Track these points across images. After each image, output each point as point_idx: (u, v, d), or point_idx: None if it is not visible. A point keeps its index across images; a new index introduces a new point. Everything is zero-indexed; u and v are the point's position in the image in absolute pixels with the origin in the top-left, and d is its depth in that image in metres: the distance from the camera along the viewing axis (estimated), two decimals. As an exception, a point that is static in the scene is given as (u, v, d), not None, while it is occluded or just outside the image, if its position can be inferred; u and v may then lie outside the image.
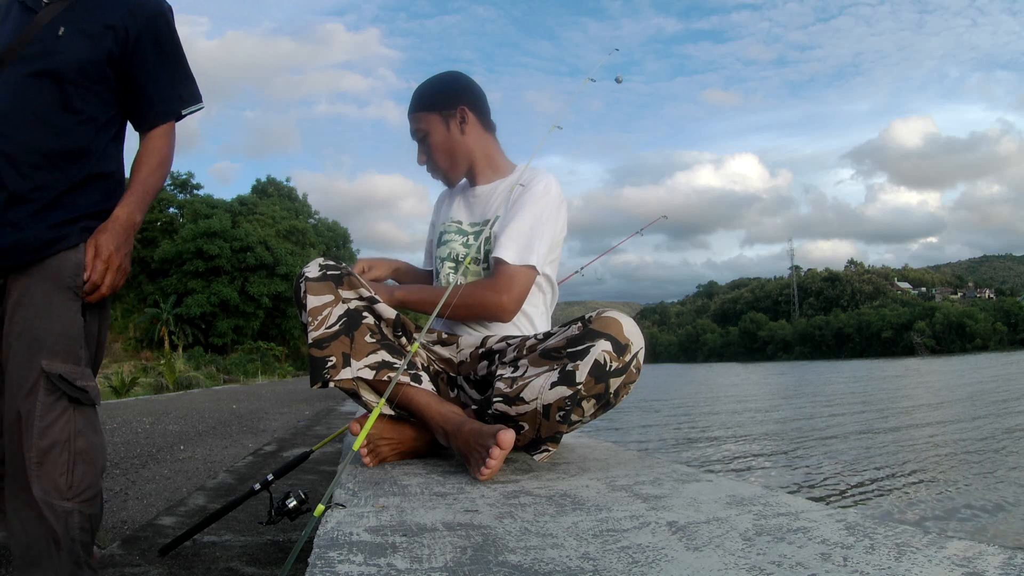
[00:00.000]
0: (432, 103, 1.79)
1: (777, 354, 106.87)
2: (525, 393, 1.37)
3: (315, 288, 1.50)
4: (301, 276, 1.52)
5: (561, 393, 1.34)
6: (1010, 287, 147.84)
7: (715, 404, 16.32)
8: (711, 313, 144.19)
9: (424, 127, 1.79)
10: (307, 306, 1.48)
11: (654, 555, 0.83)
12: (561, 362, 1.36)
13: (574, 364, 1.34)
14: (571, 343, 1.36)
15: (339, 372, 1.46)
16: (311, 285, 1.50)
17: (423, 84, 1.83)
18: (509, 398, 1.39)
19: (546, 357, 1.39)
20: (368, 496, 1.18)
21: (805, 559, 0.79)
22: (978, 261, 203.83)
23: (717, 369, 60.01)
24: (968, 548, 0.82)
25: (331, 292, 1.50)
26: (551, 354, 1.38)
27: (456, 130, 1.79)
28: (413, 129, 1.82)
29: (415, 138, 1.83)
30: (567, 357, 1.35)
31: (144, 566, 2.01)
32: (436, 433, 1.47)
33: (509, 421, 1.40)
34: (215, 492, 3.33)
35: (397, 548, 0.87)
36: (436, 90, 1.81)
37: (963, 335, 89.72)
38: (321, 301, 1.49)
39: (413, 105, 1.81)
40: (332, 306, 1.49)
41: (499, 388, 1.41)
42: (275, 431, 6.84)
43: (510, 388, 1.40)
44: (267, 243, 47.01)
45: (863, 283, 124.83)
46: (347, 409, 9.71)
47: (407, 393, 1.48)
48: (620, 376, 1.35)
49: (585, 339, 1.35)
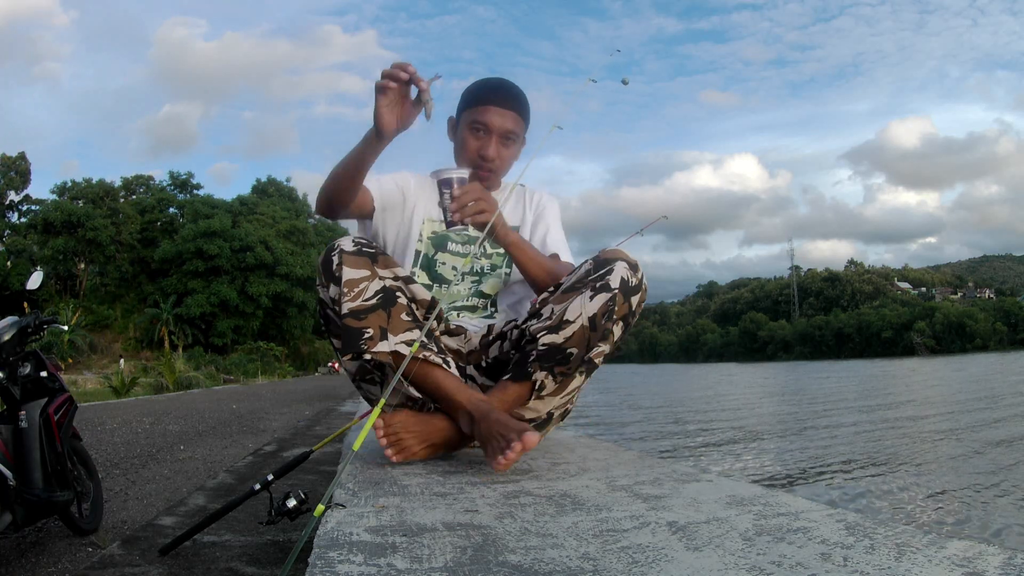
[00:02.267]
0: (527, 114, 1.79)
1: (777, 354, 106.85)
2: (568, 314, 1.45)
3: (351, 261, 1.48)
4: (334, 248, 1.50)
5: (603, 299, 1.45)
6: (1010, 287, 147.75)
7: (717, 402, 16.33)
8: (711, 313, 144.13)
9: (517, 131, 1.76)
10: (342, 278, 1.46)
11: (654, 555, 0.83)
12: (587, 286, 1.46)
13: (603, 280, 1.46)
14: (589, 274, 1.48)
15: (376, 344, 1.43)
16: (347, 258, 1.48)
17: (517, 88, 1.79)
18: (553, 327, 1.45)
19: (570, 291, 1.48)
20: (368, 496, 1.18)
21: (805, 559, 0.79)
22: (978, 261, 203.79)
23: (719, 369, 59.99)
24: (968, 548, 0.82)
25: (367, 267, 1.49)
26: (575, 287, 1.48)
27: (519, 148, 1.81)
28: (505, 127, 1.73)
29: (496, 132, 1.73)
30: (591, 281, 1.47)
31: (144, 566, 2.00)
32: (460, 418, 1.44)
33: (558, 353, 1.44)
34: (215, 492, 3.33)
35: (397, 548, 0.87)
36: (526, 101, 1.80)
37: (963, 335, 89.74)
38: (358, 274, 1.47)
39: (514, 103, 1.75)
40: (368, 280, 1.48)
41: (538, 326, 1.47)
42: (275, 431, 6.84)
43: (550, 319, 1.46)
44: (267, 243, 46.98)
45: (863, 283, 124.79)
46: (347, 409, 9.71)
47: (436, 375, 1.45)
48: (637, 293, 1.49)
49: (602, 267, 1.48)
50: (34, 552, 2.42)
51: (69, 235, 47.04)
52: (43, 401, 2.45)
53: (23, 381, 2.47)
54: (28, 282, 2.98)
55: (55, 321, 2.74)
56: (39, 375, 2.53)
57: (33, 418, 2.37)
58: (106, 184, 51.45)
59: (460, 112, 1.80)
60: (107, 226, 47.70)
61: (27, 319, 2.56)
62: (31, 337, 2.61)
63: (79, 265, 49.56)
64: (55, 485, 2.39)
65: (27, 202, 51.72)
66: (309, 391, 16.92)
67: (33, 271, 3.02)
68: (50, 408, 2.46)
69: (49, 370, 2.57)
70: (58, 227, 46.62)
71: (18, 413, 2.36)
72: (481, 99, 1.73)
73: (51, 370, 2.58)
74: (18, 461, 2.30)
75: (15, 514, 2.20)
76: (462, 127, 1.77)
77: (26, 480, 2.28)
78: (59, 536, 2.61)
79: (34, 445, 2.33)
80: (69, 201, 48.55)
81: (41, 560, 2.33)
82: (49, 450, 2.38)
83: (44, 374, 2.54)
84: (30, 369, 2.51)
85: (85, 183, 50.26)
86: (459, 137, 1.78)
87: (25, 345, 2.58)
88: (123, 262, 50.09)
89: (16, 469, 2.28)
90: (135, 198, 54.15)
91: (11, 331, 2.46)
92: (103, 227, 47.23)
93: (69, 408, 2.62)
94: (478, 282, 1.82)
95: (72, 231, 47.15)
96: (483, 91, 1.75)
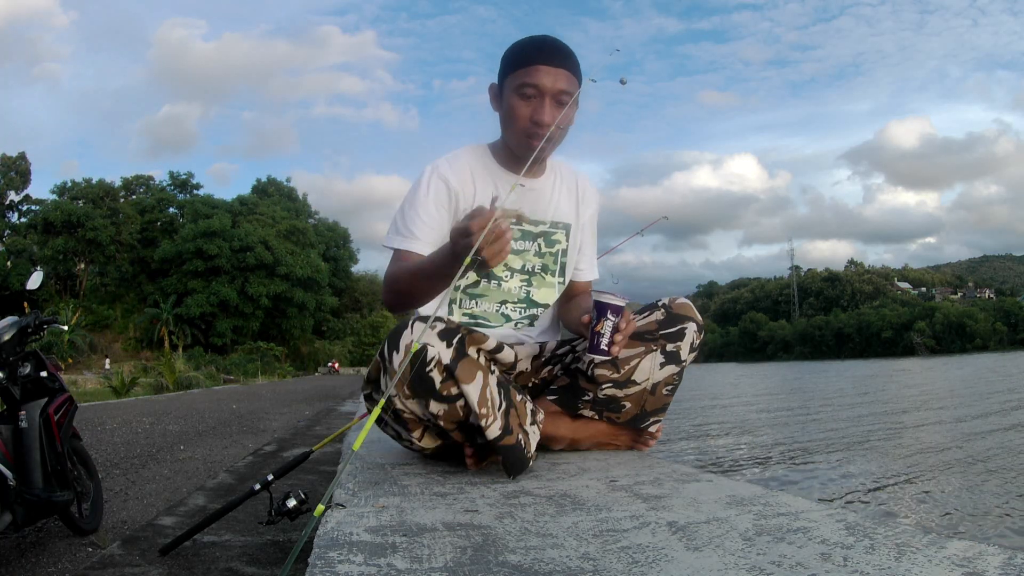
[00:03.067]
0: (579, 73, 1.55)
1: (777, 354, 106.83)
2: (636, 376, 1.52)
3: (465, 373, 1.28)
4: (433, 362, 1.27)
5: (670, 371, 1.53)
6: (1010, 287, 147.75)
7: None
8: (711, 313, 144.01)
9: (572, 91, 1.52)
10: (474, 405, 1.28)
11: (654, 555, 0.83)
12: (658, 343, 1.52)
13: (675, 345, 1.51)
14: (662, 326, 1.52)
15: (531, 447, 1.38)
16: (461, 373, 1.28)
17: (562, 43, 1.55)
18: (619, 382, 1.52)
19: (638, 339, 1.51)
20: (368, 496, 1.18)
21: (805, 559, 0.79)
22: (978, 261, 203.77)
23: (721, 369, 60.00)
24: (968, 548, 0.82)
25: (476, 367, 1.31)
26: (644, 336, 1.52)
27: (574, 112, 1.57)
28: (558, 87, 1.50)
29: (549, 93, 1.50)
30: (663, 338, 1.52)
31: (144, 566, 2.01)
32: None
33: (613, 403, 1.54)
34: (215, 492, 3.33)
35: (397, 548, 0.87)
36: (576, 59, 1.55)
37: (963, 335, 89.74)
38: (478, 387, 1.29)
39: (565, 60, 1.52)
40: (487, 385, 1.31)
41: (603, 374, 1.51)
42: (275, 431, 6.84)
43: (618, 373, 1.51)
44: (267, 243, 46.98)
45: (863, 283, 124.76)
46: (347, 409, 9.71)
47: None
48: (695, 352, 1.55)
49: (675, 322, 1.52)
50: (34, 552, 2.42)
51: (69, 235, 47.07)
52: (43, 401, 2.45)
53: (23, 381, 2.47)
54: (28, 282, 2.98)
55: (55, 321, 2.74)
56: (39, 375, 2.53)
57: (33, 418, 2.37)
58: (106, 184, 51.50)
59: (503, 77, 1.56)
60: (107, 226, 47.73)
61: (27, 319, 2.56)
62: (31, 337, 2.61)
63: (79, 265, 49.59)
64: (55, 485, 2.38)
65: (27, 202, 51.81)
66: (309, 391, 16.92)
67: (33, 271, 3.02)
68: (50, 408, 2.45)
69: (49, 370, 2.57)
70: (58, 227, 46.64)
71: (18, 413, 2.36)
72: (528, 59, 1.50)
73: (51, 370, 2.58)
74: (18, 461, 2.30)
75: (15, 514, 2.19)
76: (508, 93, 1.54)
77: (26, 480, 2.28)
78: (59, 536, 2.61)
79: (34, 445, 2.33)
80: (69, 201, 48.57)
81: (41, 560, 2.33)
82: (49, 450, 2.38)
83: (44, 374, 2.54)
84: (30, 369, 2.51)
85: (85, 183, 50.31)
86: (505, 105, 1.55)
87: (25, 345, 2.58)
88: (123, 262, 50.11)
89: (16, 469, 2.28)
90: (135, 198, 54.19)
91: (11, 331, 2.46)
92: (103, 227, 47.26)
93: (69, 408, 2.62)
94: (527, 282, 1.67)
95: (72, 231, 47.17)
96: (529, 49, 1.52)
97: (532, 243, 1.68)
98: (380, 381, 1.38)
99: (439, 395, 1.29)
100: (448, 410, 1.31)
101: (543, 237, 1.68)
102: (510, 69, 1.53)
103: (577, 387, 1.57)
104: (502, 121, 1.59)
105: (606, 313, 1.41)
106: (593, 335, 1.41)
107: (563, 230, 1.71)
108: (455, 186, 1.59)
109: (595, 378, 1.52)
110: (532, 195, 1.65)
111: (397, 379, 1.29)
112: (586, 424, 1.60)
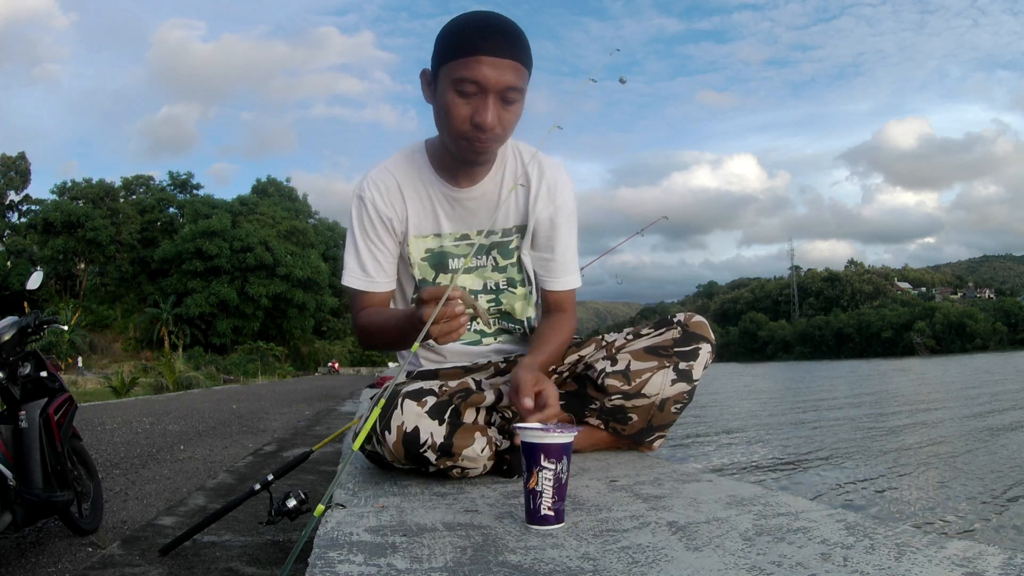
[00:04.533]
0: (529, 60, 1.28)
1: (777, 354, 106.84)
2: (646, 389, 1.49)
3: (463, 440, 1.24)
4: (426, 444, 1.21)
5: (681, 389, 1.50)
6: (1010, 287, 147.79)
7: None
8: (711, 313, 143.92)
9: (520, 85, 1.26)
10: (476, 464, 1.27)
11: (654, 555, 0.83)
12: (671, 360, 1.50)
13: (688, 364, 1.50)
14: (677, 344, 1.51)
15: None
16: (458, 442, 1.23)
17: (510, 24, 1.26)
18: (629, 394, 1.49)
19: (653, 354, 1.50)
20: (368, 496, 1.18)
21: (805, 559, 0.79)
22: (978, 261, 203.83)
23: (721, 369, 60.02)
24: (968, 548, 0.82)
25: (474, 430, 1.26)
26: (658, 352, 1.51)
27: (522, 106, 1.31)
28: (503, 83, 1.23)
29: (493, 90, 1.23)
30: (676, 356, 1.50)
31: (144, 566, 2.01)
32: None
33: (620, 413, 1.52)
34: (215, 492, 3.33)
35: (397, 548, 0.87)
36: (527, 43, 1.27)
37: (963, 335, 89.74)
38: (480, 446, 1.26)
39: (512, 48, 1.23)
40: (491, 440, 1.28)
41: (613, 385, 1.49)
42: (275, 431, 6.84)
43: (628, 385, 1.49)
44: (267, 243, 46.99)
45: (863, 283, 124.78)
46: (347, 409, 9.72)
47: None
48: (707, 370, 1.54)
49: (690, 341, 1.51)
50: (34, 552, 2.42)
51: (69, 235, 47.07)
52: (43, 401, 2.45)
53: (23, 381, 2.47)
54: (28, 282, 2.98)
55: (55, 321, 2.74)
56: (39, 375, 2.53)
57: (33, 418, 2.37)
58: (106, 184, 51.53)
59: (438, 65, 1.27)
60: (107, 226, 47.74)
61: (27, 319, 2.56)
62: (31, 337, 2.61)
63: (79, 265, 49.60)
64: (55, 485, 2.38)
65: (27, 202, 51.84)
66: (309, 391, 16.91)
67: (33, 271, 3.03)
68: (50, 408, 2.46)
69: (49, 370, 2.57)
70: (58, 227, 46.65)
71: (18, 413, 2.36)
72: (469, 47, 1.22)
73: (51, 370, 2.58)
74: (18, 461, 2.30)
75: (15, 514, 2.19)
76: (445, 87, 1.26)
77: (26, 480, 2.28)
78: (59, 536, 2.61)
79: (34, 445, 2.33)
80: (69, 201, 48.60)
81: (41, 560, 2.33)
82: (49, 450, 2.38)
83: (44, 374, 2.54)
84: (30, 369, 2.51)
85: (85, 183, 50.33)
86: (441, 100, 1.27)
87: (25, 345, 2.58)
88: (123, 262, 50.13)
89: (16, 469, 2.28)
90: (135, 198, 54.21)
91: (11, 331, 2.46)
92: (103, 227, 47.27)
93: (69, 408, 2.62)
94: (495, 301, 1.53)
95: (72, 231, 47.18)
96: (470, 35, 1.23)
97: (487, 257, 1.51)
98: (378, 449, 1.30)
99: (437, 468, 1.26)
100: (449, 468, 1.28)
101: (496, 249, 1.50)
102: (447, 57, 1.25)
103: (585, 395, 1.55)
104: (436, 117, 1.32)
105: (538, 459, 0.94)
106: (529, 496, 0.95)
107: (518, 234, 1.51)
108: (384, 211, 1.44)
109: (604, 388, 1.50)
110: (472, 204, 1.46)
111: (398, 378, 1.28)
112: (589, 432, 1.59)
